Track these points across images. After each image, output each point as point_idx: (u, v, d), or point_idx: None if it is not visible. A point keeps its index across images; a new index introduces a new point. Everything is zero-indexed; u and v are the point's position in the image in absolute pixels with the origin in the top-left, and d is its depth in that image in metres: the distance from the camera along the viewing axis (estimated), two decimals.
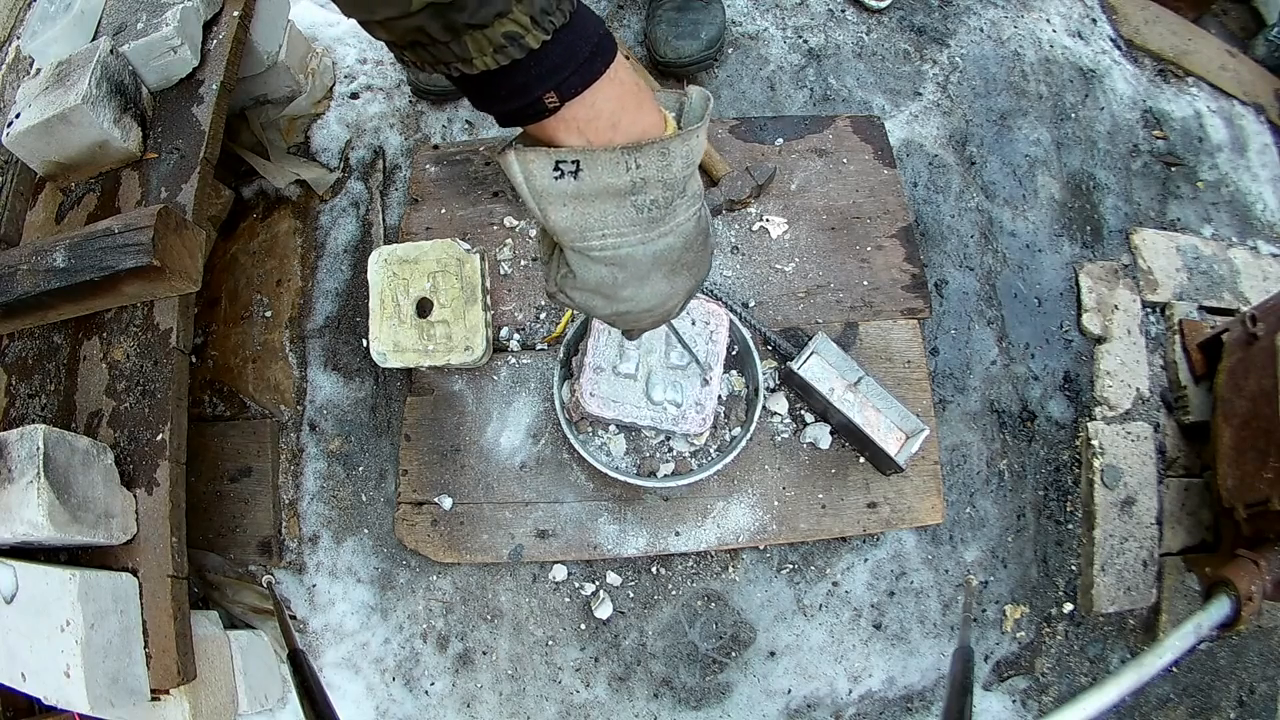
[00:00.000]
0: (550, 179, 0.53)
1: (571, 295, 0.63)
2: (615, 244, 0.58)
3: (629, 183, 0.54)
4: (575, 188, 0.53)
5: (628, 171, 0.53)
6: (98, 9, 1.23)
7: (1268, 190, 1.72)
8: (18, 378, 1.16)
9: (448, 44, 0.46)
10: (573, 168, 0.53)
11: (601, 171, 0.53)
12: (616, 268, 0.60)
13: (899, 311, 1.38)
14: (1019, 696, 1.33)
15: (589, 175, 0.53)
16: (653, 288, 0.63)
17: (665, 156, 0.54)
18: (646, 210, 0.56)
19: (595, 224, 0.56)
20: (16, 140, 1.14)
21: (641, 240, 0.58)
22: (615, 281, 0.61)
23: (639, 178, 0.54)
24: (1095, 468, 1.38)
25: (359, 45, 1.62)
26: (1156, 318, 1.52)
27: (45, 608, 0.92)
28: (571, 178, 0.53)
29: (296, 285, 1.44)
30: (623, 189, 0.54)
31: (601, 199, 0.55)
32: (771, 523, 1.26)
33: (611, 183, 0.54)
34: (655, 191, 0.55)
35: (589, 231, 0.57)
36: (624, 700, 1.26)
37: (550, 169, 0.53)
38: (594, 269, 0.60)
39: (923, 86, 1.64)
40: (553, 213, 0.56)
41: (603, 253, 0.58)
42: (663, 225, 0.58)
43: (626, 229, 0.57)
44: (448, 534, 1.26)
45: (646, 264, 0.60)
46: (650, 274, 0.62)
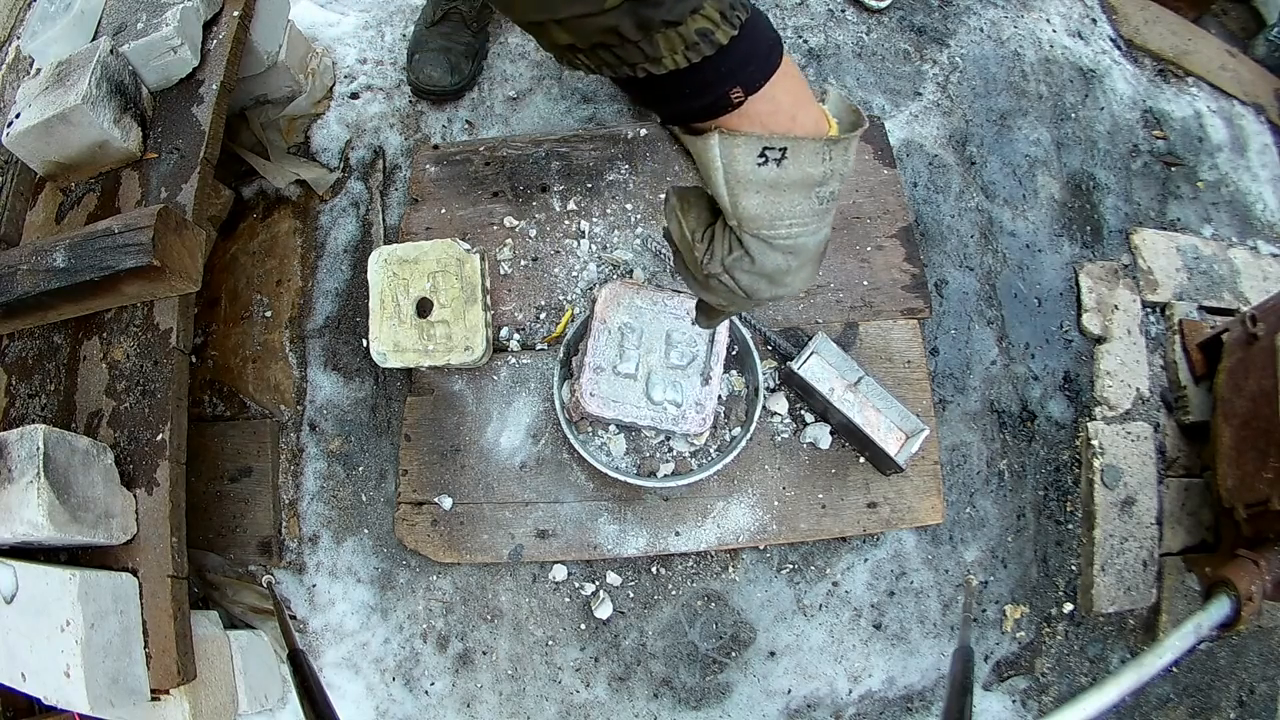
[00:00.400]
0: (753, 165, 0.53)
1: (739, 278, 0.63)
2: (798, 233, 0.59)
3: (822, 174, 0.55)
4: (776, 175, 0.54)
5: (823, 163, 0.55)
6: (98, 9, 1.23)
7: (1268, 190, 1.72)
8: (18, 378, 1.16)
9: (638, 43, 0.46)
10: (779, 155, 0.53)
11: (804, 161, 0.54)
12: (793, 256, 0.61)
13: (899, 311, 1.38)
14: (1019, 696, 1.33)
15: (793, 164, 0.54)
16: (809, 273, 0.65)
17: (847, 151, 0.56)
18: (825, 201, 0.58)
19: (785, 213, 0.57)
20: (16, 140, 1.14)
21: (815, 230, 0.60)
22: (789, 269, 0.62)
23: (830, 169, 0.55)
24: (1095, 468, 1.38)
25: (359, 45, 1.62)
26: (1156, 318, 1.52)
27: (45, 608, 0.92)
28: (775, 165, 0.53)
29: (296, 285, 1.44)
30: (816, 180, 0.55)
31: (794, 188, 0.56)
32: (771, 523, 1.26)
33: (810, 173, 0.55)
34: (835, 184, 0.57)
35: (778, 220, 0.57)
36: (624, 700, 1.26)
37: (756, 155, 0.53)
38: (772, 256, 0.60)
39: (923, 86, 1.64)
40: (745, 199, 0.56)
41: (785, 241, 0.59)
42: (829, 216, 0.60)
43: (809, 219, 0.58)
44: (448, 534, 1.26)
45: (813, 252, 0.62)
46: (809, 263, 0.63)
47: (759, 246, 0.59)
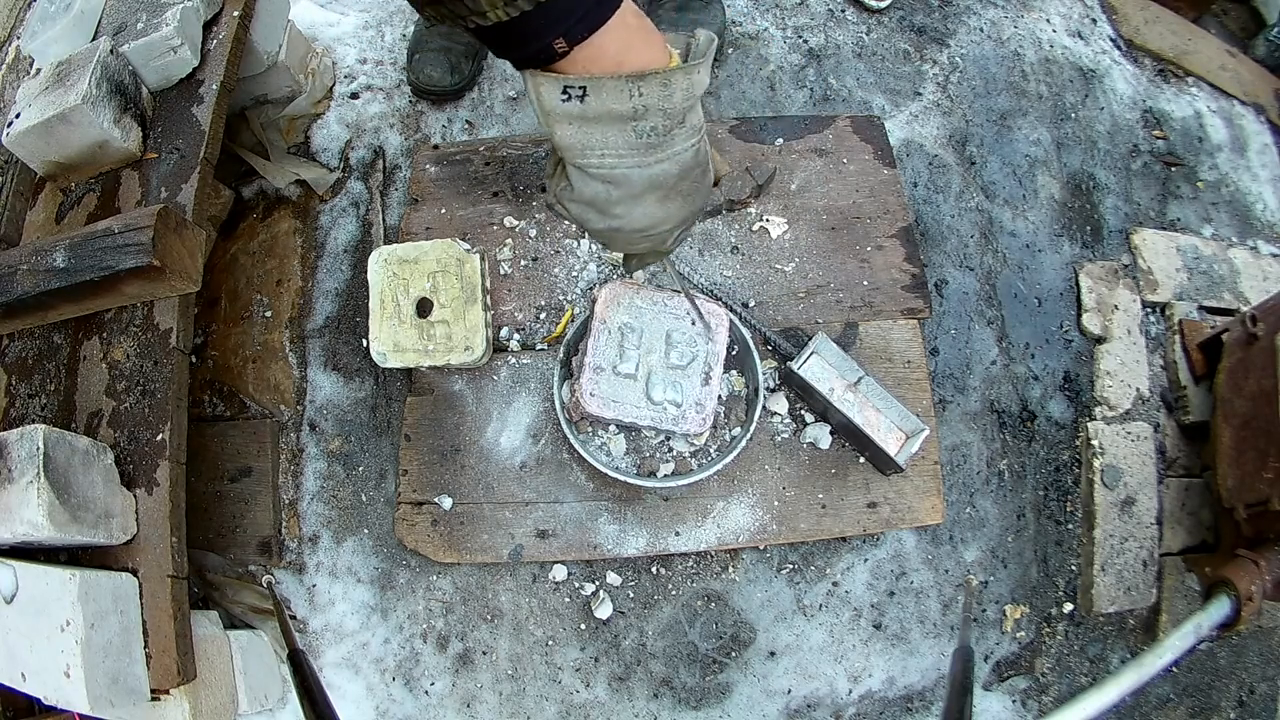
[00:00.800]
0: (558, 101, 0.58)
1: (568, 206, 0.68)
2: (612, 164, 0.62)
3: (631, 109, 0.58)
4: (581, 110, 0.58)
5: (630, 99, 0.58)
6: (98, 9, 1.23)
7: (1268, 190, 1.72)
8: (18, 378, 1.16)
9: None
10: (580, 93, 0.57)
11: (606, 97, 0.58)
12: (611, 185, 0.65)
13: (899, 311, 1.38)
14: (1019, 696, 1.33)
15: (594, 100, 0.58)
16: (644, 209, 0.68)
17: (666, 87, 0.59)
18: (645, 136, 0.61)
19: (596, 144, 0.61)
20: (16, 140, 1.14)
21: (638, 163, 0.63)
22: (609, 198, 0.66)
23: (640, 105, 0.58)
24: (1095, 468, 1.38)
25: (359, 45, 1.62)
26: (1156, 318, 1.52)
27: (45, 608, 0.92)
28: (579, 101, 0.58)
29: (296, 285, 1.44)
30: (625, 114, 0.59)
31: (604, 122, 0.59)
32: (771, 523, 1.26)
33: (615, 108, 0.58)
34: (655, 119, 0.60)
35: (589, 150, 0.61)
36: (624, 700, 1.26)
37: (559, 93, 0.58)
38: (590, 184, 0.65)
39: (923, 86, 1.64)
40: (559, 129, 0.60)
41: (599, 170, 0.63)
42: (660, 152, 0.63)
43: (625, 151, 0.62)
44: (448, 534, 1.26)
45: (640, 186, 0.65)
46: (644, 196, 0.66)
47: (577, 175, 0.65)
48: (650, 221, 0.69)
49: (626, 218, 0.68)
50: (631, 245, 0.76)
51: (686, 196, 0.69)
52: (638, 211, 0.68)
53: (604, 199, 0.66)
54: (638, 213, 0.68)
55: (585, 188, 0.65)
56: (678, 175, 0.66)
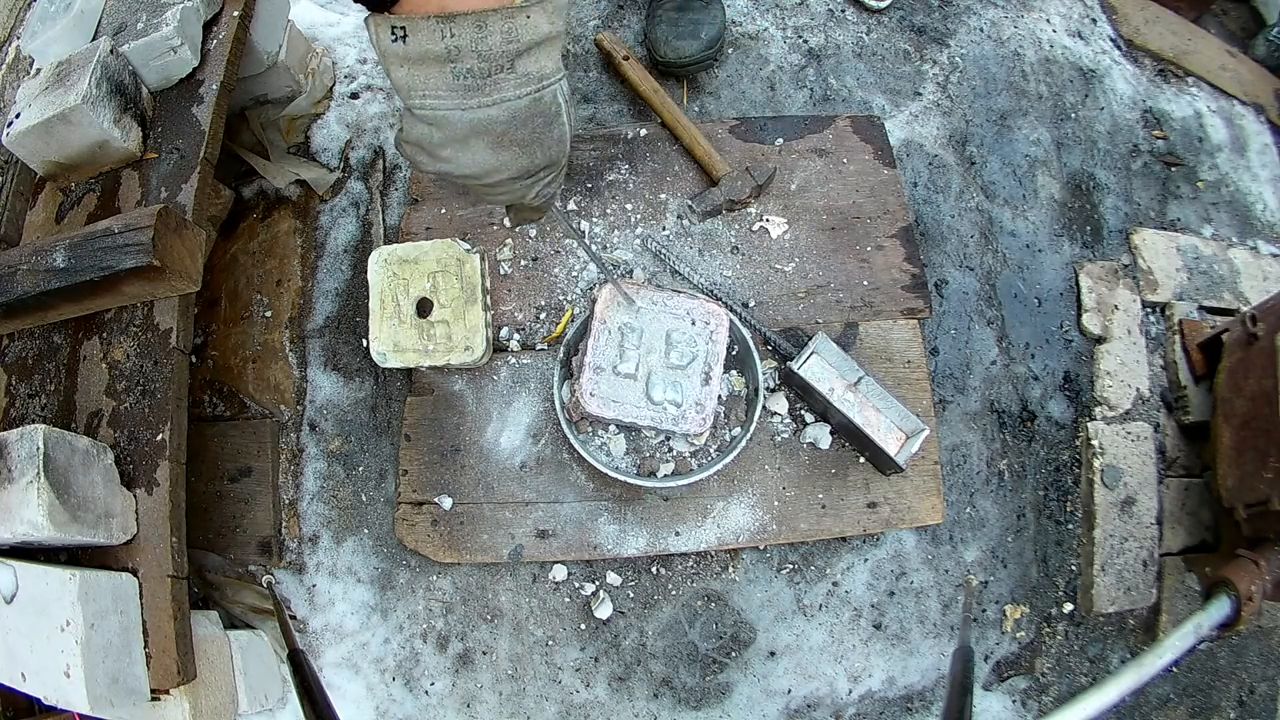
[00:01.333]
0: (389, 41, 0.60)
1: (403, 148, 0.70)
2: (433, 105, 0.63)
3: (444, 49, 0.60)
4: (405, 50, 0.60)
5: (443, 39, 0.59)
6: (98, 9, 1.23)
7: (1268, 190, 1.72)
8: (18, 378, 1.16)
9: None
10: (401, 33, 0.59)
11: (421, 38, 0.59)
12: (434, 128, 0.65)
13: (899, 311, 1.38)
14: (1019, 696, 1.33)
15: (413, 40, 0.59)
16: (473, 155, 0.68)
17: (481, 29, 0.59)
18: (462, 78, 0.62)
19: (419, 85, 0.62)
20: (16, 140, 1.14)
21: (459, 106, 0.63)
22: (433, 140, 0.67)
23: (453, 45, 0.59)
24: (1095, 468, 1.38)
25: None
26: (1156, 318, 1.52)
27: (45, 608, 0.92)
28: (402, 42, 0.59)
29: (296, 285, 1.44)
30: (440, 55, 0.60)
31: (425, 63, 0.61)
32: (771, 523, 1.26)
33: (429, 49, 0.59)
34: (470, 61, 0.61)
35: (413, 91, 0.63)
36: (624, 700, 1.26)
37: (388, 33, 0.60)
38: (417, 126, 0.66)
39: (923, 86, 1.64)
40: (393, 71, 0.62)
41: (423, 111, 0.64)
42: (481, 95, 0.63)
43: (444, 94, 0.62)
44: (448, 534, 1.26)
45: (463, 129, 0.65)
46: (470, 140, 0.67)
47: (407, 116, 0.66)
48: (481, 168, 0.69)
49: (454, 161, 0.68)
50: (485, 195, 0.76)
51: (524, 146, 0.69)
52: (465, 157, 0.68)
53: (429, 141, 0.67)
54: (465, 158, 0.68)
55: (413, 129, 0.66)
56: (507, 122, 0.65)
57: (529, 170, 0.72)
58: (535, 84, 0.64)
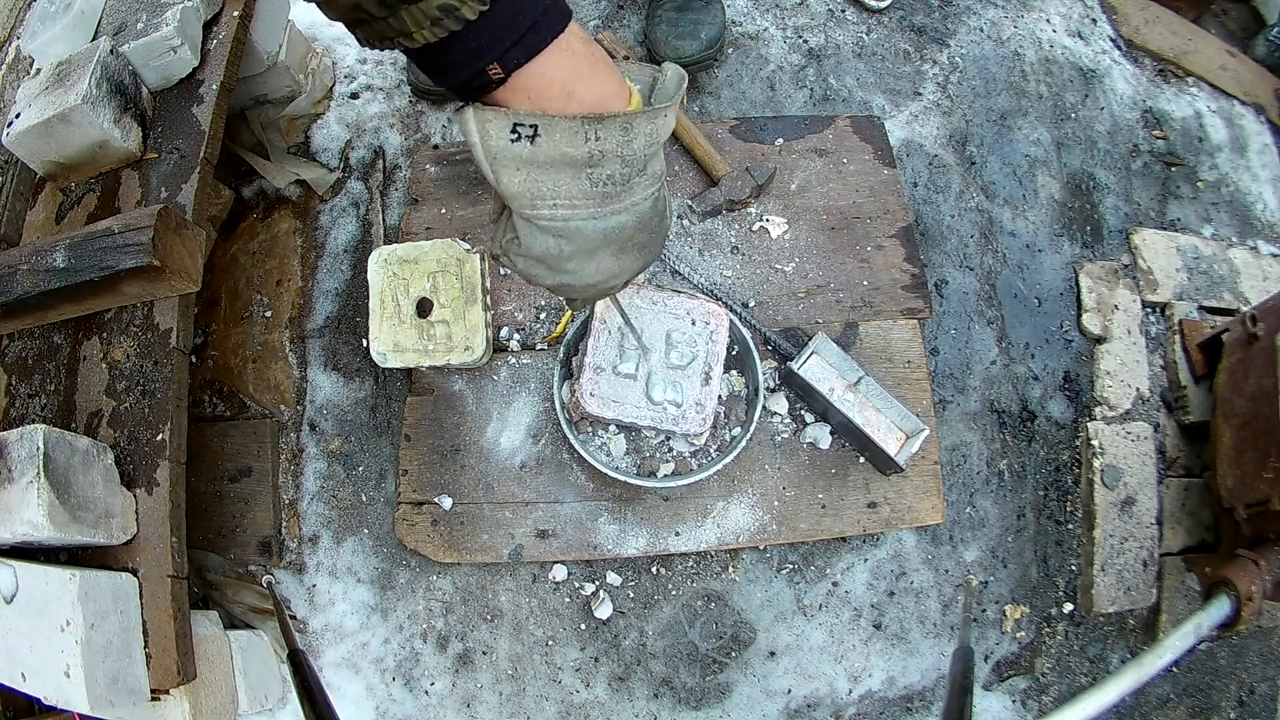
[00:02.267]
0: (506, 141, 0.52)
1: (515, 261, 0.62)
2: (565, 215, 0.56)
3: (586, 154, 0.52)
4: (531, 153, 0.52)
5: (586, 142, 0.52)
6: (98, 9, 1.23)
7: (1268, 190, 1.71)
8: (18, 378, 1.16)
9: (386, 19, 0.46)
10: (530, 131, 0.51)
11: (559, 140, 0.51)
12: (564, 240, 0.58)
13: (899, 311, 1.38)
14: (1019, 696, 1.33)
15: (546, 141, 0.51)
16: (599, 264, 0.61)
17: (627, 132, 0.53)
18: (602, 185, 0.55)
19: (547, 192, 0.55)
20: (16, 140, 1.14)
21: (594, 215, 0.57)
22: (561, 254, 0.59)
23: (597, 150, 0.52)
24: (1095, 468, 1.38)
25: (359, 45, 1.62)
26: (1156, 318, 1.52)
27: (45, 608, 0.92)
28: (528, 142, 0.51)
29: (296, 285, 1.44)
30: (580, 160, 0.53)
31: (556, 168, 0.53)
32: (771, 523, 1.26)
33: (569, 152, 0.52)
34: (613, 166, 0.54)
35: (539, 199, 0.55)
36: (624, 700, 1.26)
37: (508, 131, 0.51)
38: (540, 238, 0.58)
39: (923, 86, 1.64)
40: (505, 176, 0.54)
41: (551, 223, 0.57)
42: (617, 202, 0.57)
43: (580, 201, 0.55)
44: (448, 534, 1.26)
45: (596, 240, 0.59)
46: (598, 250, 0.60)
47: (525, 227, 0.58)
48: (604, 276, 0.63)
49: (579, 273, 0.61)
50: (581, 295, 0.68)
51: (642, 249, 0.63)
52: (591, 266, 0.61)
53: (555, 254, 0.59)
54: (591, 268, 0.61)
55: (534, 242, 0.58)
56: (635, 227, 0.59)
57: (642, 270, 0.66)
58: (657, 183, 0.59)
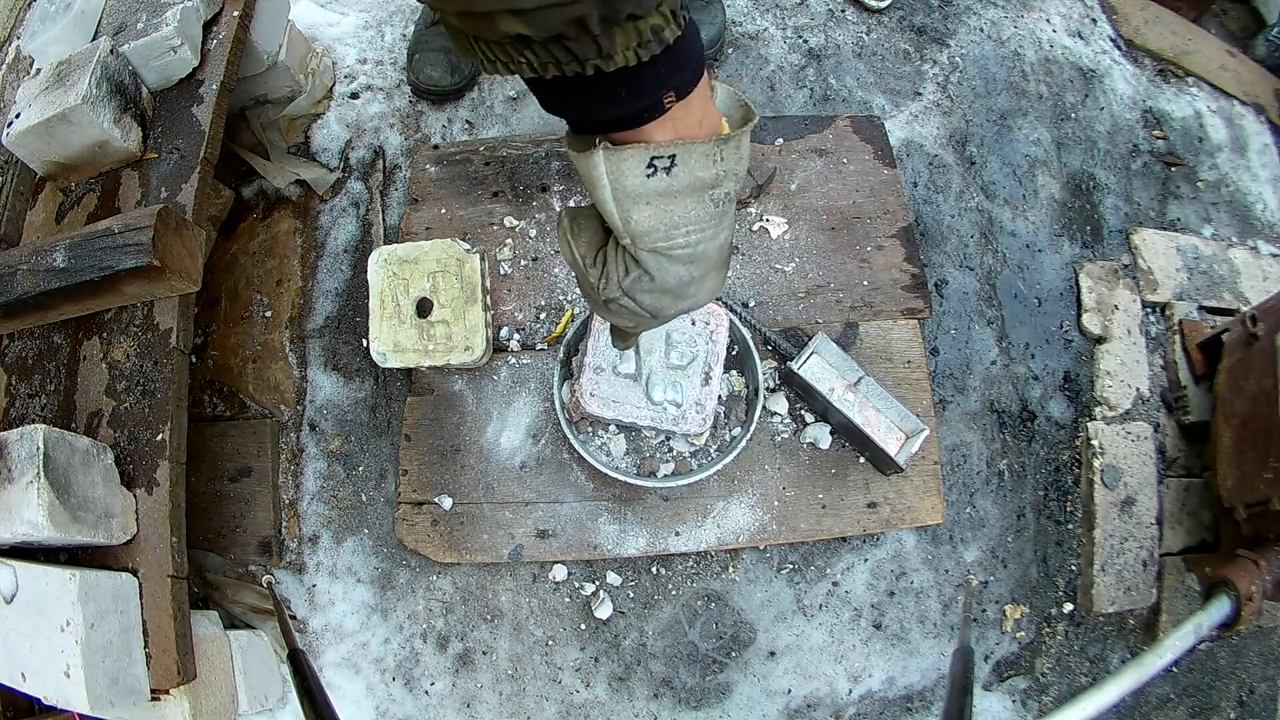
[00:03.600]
0: (643, 178, 0.51)
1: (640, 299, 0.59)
2: (696, 240, 0.56)
3: (713, 176, 0.52)
4: (667, 184, 0.51)
5: (715, 165, 0.52)
6: (98, 9, 1.23)
7: (1268, 190, 1.72)
8: (18, 378, 1.16)
9: (597, 37, 0.42)
10: (668, 163, 0.50)
11: (694, 165, 0.51)
12: (694, 265, 0.57)
13: (899, 311, 1.38)
14: (1019, 696, 1.33)
15: (683, 170, 0.51)
16: (712, 282, 0.61)
17: (739, 150, 0.53)
18: (720, 204, 0.55)
19: (680, 221, 0.54)
20: (16, 140, 1.14)
21: (713, 235, 0.56)
22: (691, 279, 0.58)
23: (721, 171, 0.53)
24: (1095, 468, 1.38)
25: (359, 45, 1.62)
26: (1156, 318, 1.52)
27: (45, 608, 0.92)
28: (664, 174, 0.51)
29: (296, 285, 1.44)
30: (708, 182, 0.53)
31: (685, 195, 0.53)
32: (771, 523, 1.26)
33: (701, 176, 0.52)
34: (729, 185, 0.54)
35: (674, 230, 0.54)
36: (624, 700, 1.26)
37: (644, 167, 0.50)
38: (673, 269, 0.57)
39: (923, 86, 1.64)
40: (635, 213, 0.53)
41: (685, 250, 0.56)
42: (726, 219, 0.57)
43: (706, 224, 0.55)
44: (448, 534, 1.26)
45: (715, 258, 0.59)
46: (712, 270, 0.60)
47: (657, 261, 0.56)
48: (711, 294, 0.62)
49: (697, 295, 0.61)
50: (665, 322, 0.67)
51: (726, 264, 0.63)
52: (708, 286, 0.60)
53: (686, 281, 0.58)
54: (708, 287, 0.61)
55: (668, 274, 0.56)
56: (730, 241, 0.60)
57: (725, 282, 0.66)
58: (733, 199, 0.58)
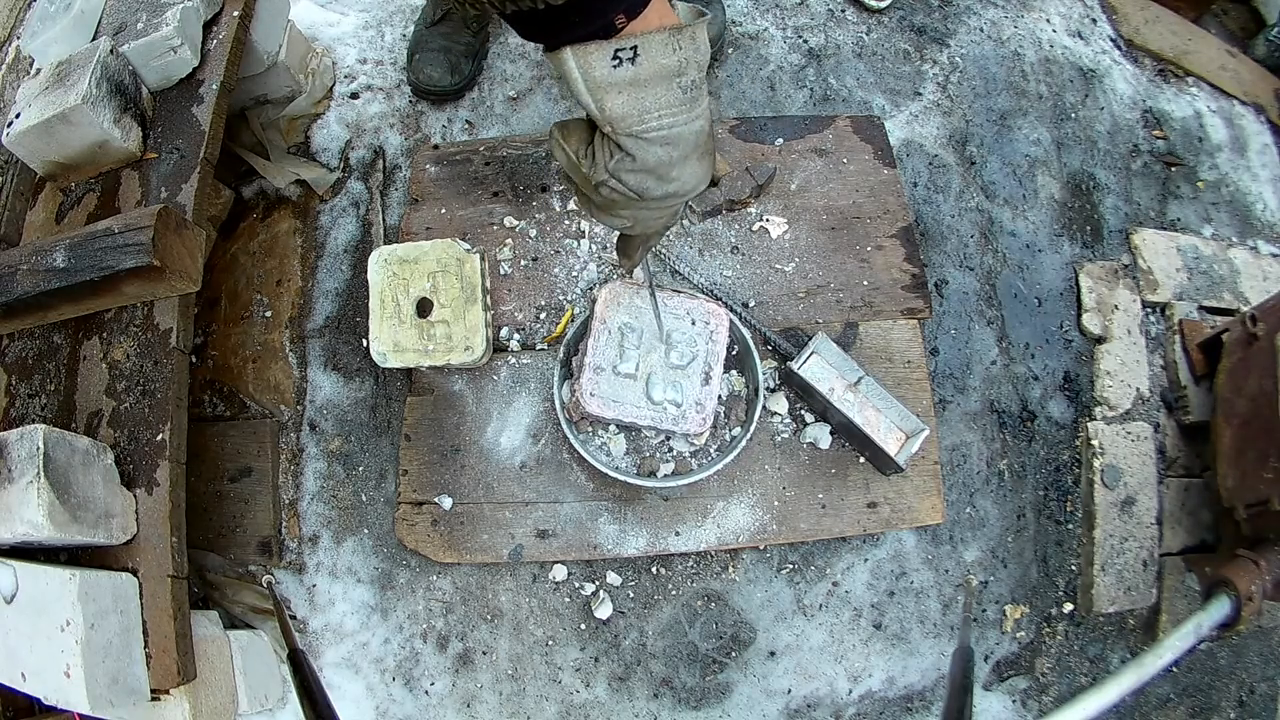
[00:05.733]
0: (609, 69, 0.59)
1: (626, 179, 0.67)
2: (670, 123, 0.63)
3: (677, 63, 0.60)
4: (633, 74, 0.59)
5: (675, 52, 0.59)
6: (98, 9, 1.23)
7: (1268, 190, 1.72)
8: (18, 378, 1.16)
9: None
10: (630, 54, 0.58)
11: (655, 53, 0.59)
12: (671, 146, 0.65)
13: (899, 311, 1.38)
14: (1019, 696, 1.33)
15: (645, 59, 0.59)
16: (693, 168, 0.68)
17: (694, 40, 0.61)
18: (688, 90, 0.62)
19: (651, 105, 0.62)
20: (16, 140, 1.14)
21: (686, 120, 0.64)
22: (670, 160, 0.66)
23: (683, 59, 0.60)
24: (1095, 468, 1.38)
25: (359, 45, 1.62)
26: (1156, 318, 1.52)
27: (45, 608, 0.92)
28: (629, 64, 0.59)
29: (296, 285, 1.44)
30: (672, 69, 0.60)
31: (654, 82, 0.60)
32: (771, 523, 1.26)
33: (664, 64, 0.60)
34: (693, 73, 0.62)
35: (647, 114, 0.62)
36: (624, 700, 1.26)
37: (609, 59, 0.58)
38: (652, 150, 0.64)
39: (923, 86, 1.64)
40: (609, 101, 0.60)
41: (659, 132, 0.63)
42: (698, 106, 0.64)
43: (677, 108, 0.62)
44: (448, 534, 1.26)
45: (692, 142, 0.66)
46: (692, 154, 0.67)
47: (636, 144, 0.64)
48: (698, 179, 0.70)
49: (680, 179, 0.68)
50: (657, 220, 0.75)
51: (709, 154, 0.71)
52: (689, 171, 0.68)
53: (666, 162, 0.66)
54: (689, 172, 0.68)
55: (647, 155, 0.65)
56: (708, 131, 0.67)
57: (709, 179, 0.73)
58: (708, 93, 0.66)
